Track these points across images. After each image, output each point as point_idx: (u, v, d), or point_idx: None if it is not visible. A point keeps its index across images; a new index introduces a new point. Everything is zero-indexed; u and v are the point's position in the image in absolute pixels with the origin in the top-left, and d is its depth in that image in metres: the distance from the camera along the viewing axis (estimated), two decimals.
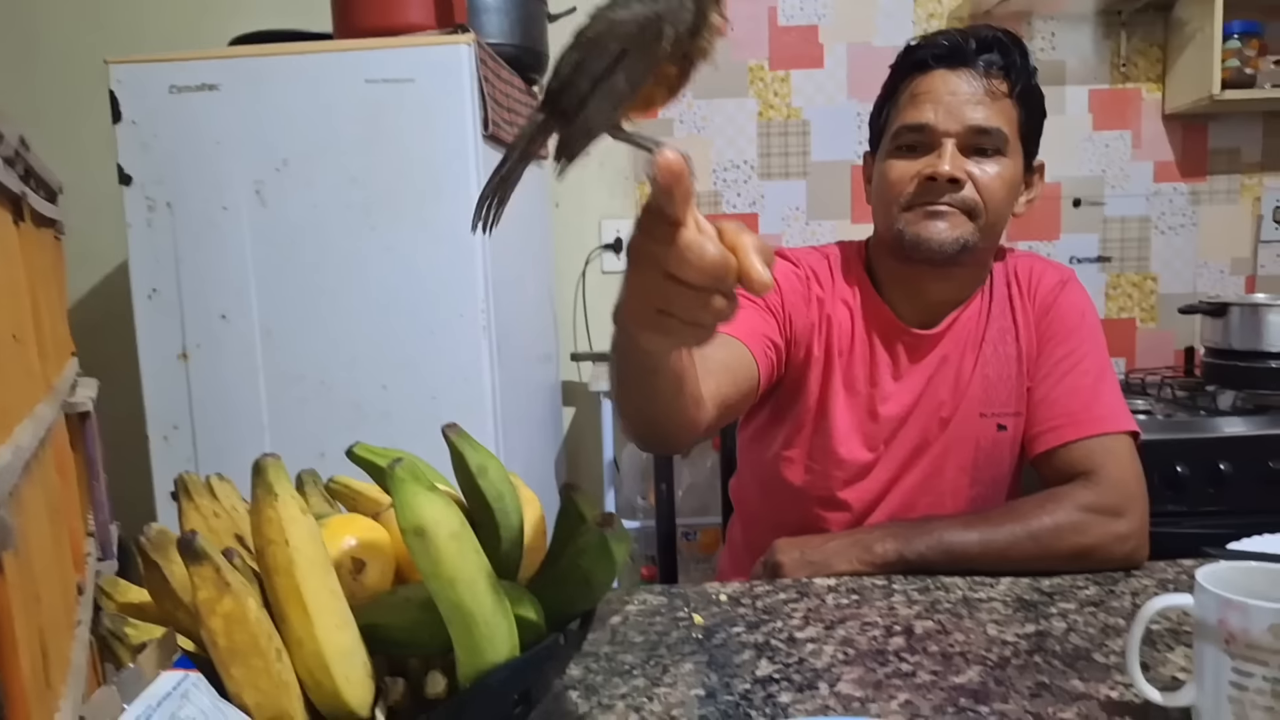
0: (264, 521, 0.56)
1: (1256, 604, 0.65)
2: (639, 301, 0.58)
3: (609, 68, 0.56)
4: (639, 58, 0.56)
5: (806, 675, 0.82)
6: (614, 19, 0.56)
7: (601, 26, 0.56)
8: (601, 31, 0.56)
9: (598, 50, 0.56)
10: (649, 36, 0.55)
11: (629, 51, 0.56)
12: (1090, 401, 1.14)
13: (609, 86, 0.56)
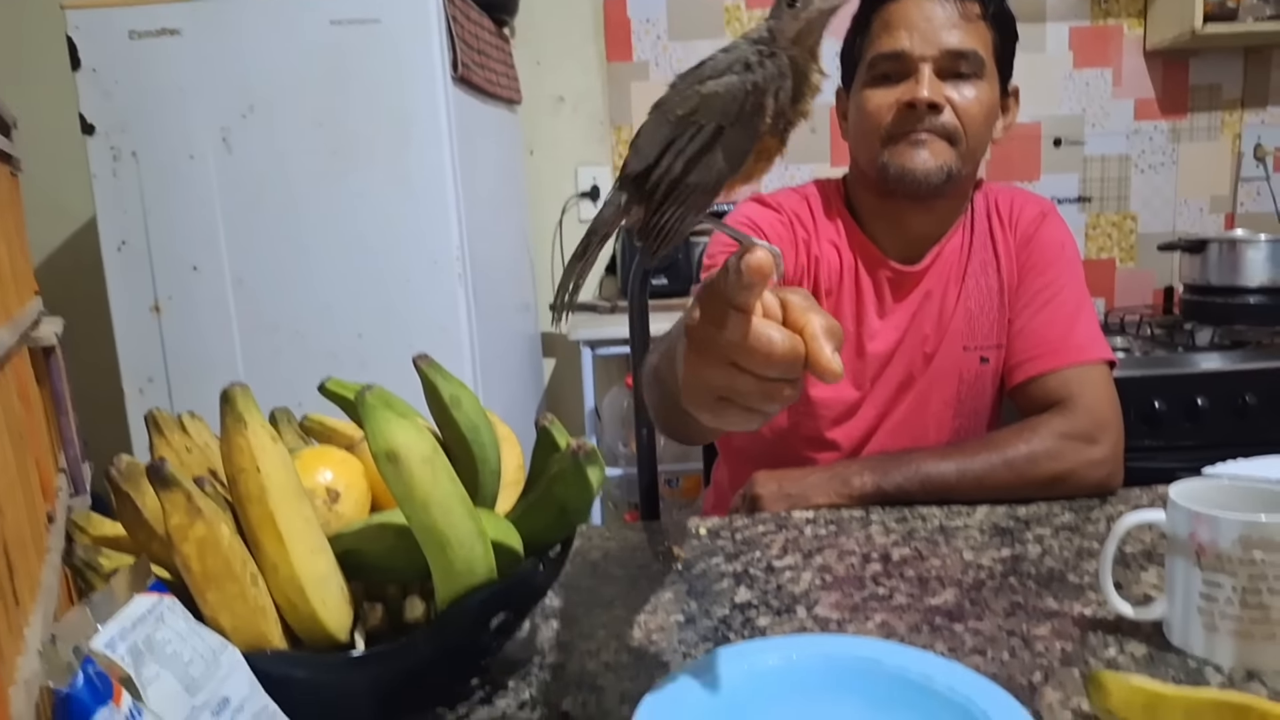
0: (234, 450, 0.55)
1: (1225, 516, 0.66)
2: (697, 388, 0.53)
3: (705, 147, 0.49)
4: (739, 134, 0.50)
5: (784, 600, 0.83)
6: (707, 93, 0.49)
7: (694, 101, 0.49)
8: (695, 107, 0.49)
9: (691, 128, 0.49)
10: (749, 110, 0.49)
11: (727, 128, 0.49)
12: (1067, 332, 1.14)
13: (705, 167, 0.49)
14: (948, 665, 0.63)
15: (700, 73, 0.51)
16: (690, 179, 0.49)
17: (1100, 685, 0.60)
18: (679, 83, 0.52)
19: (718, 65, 0.50)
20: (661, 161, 0.49)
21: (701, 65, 0.51)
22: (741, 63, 0.49)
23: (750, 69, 0.49)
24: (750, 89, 0.49)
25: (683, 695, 0.61)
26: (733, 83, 0.49)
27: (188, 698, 0.47)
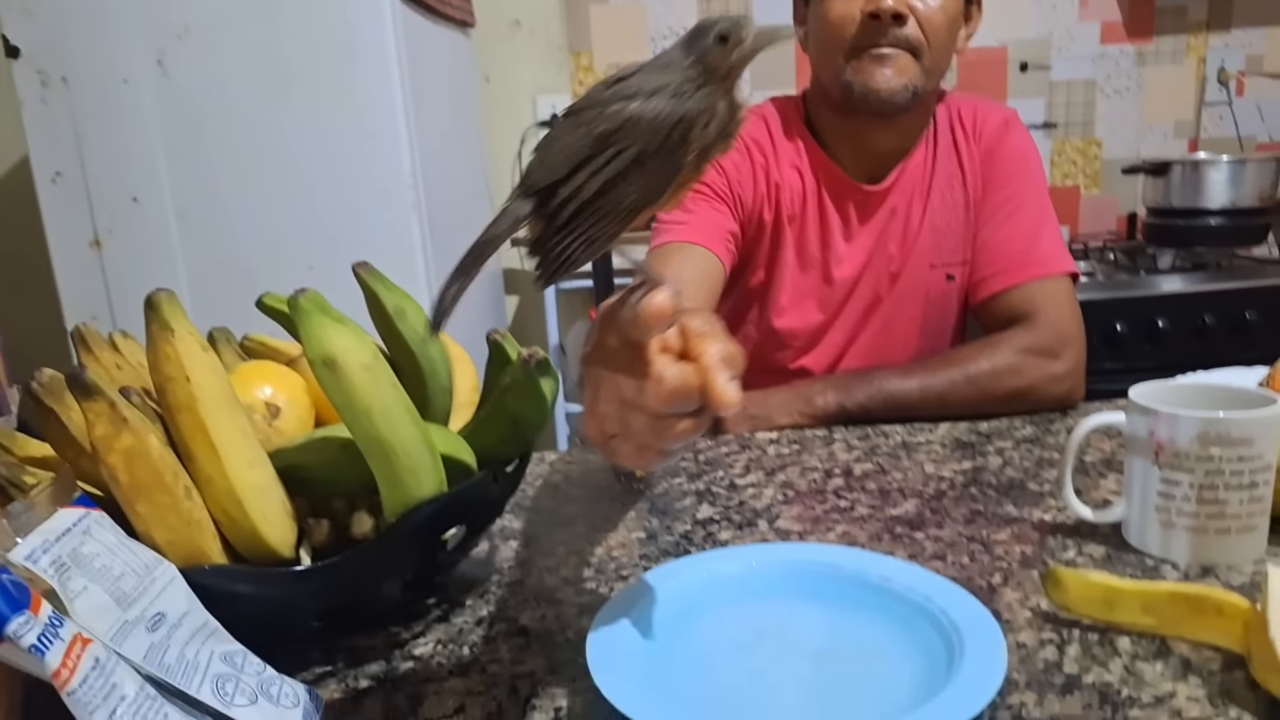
0: (161, 358, 0.53)
1: (1184, 413, 0.66)
2: (592, 424, 0.51)
3: (623, 172, 0.46)
4: (661, 164, 0.46)
5: (746, 515, 0.83)
6: (632, 114, 0.45)
7: (617, 121, 0.45)
8: (618, 127, 0.45)
9: (610, 148, 0.45)
10: (675, 140, 0.46)
11: (649, 156, 0.46)
12: (1030, 245, 1.13)
13: (620, 193, 0.46)
14: (906, 567, 0.62)
15: (624, 89, 0.46)
16: (602, 203, 0.46)
17: (1058, 581, 0.60)
18: (598, 93, 0.47)
19: (645, 86, 0.46)
20: (573, 179, 0.45)
21: (626, 80, 0.47)
22: (672, 89, 0.45)
23: (680, 98, 0.45)
24: (679, 119, 0.45)
25: (641, 602, 0.60)
26: (661, 109, 0.45)
27: (119, 611, 0.45)
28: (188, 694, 0.45)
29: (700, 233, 1.12)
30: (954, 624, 0.55)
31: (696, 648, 0.58)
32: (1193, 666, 0.55)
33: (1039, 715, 0.51)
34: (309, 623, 0.58)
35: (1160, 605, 0.57)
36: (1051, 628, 0.60)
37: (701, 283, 1.09)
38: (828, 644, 0.58)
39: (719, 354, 0.47)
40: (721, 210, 1.16)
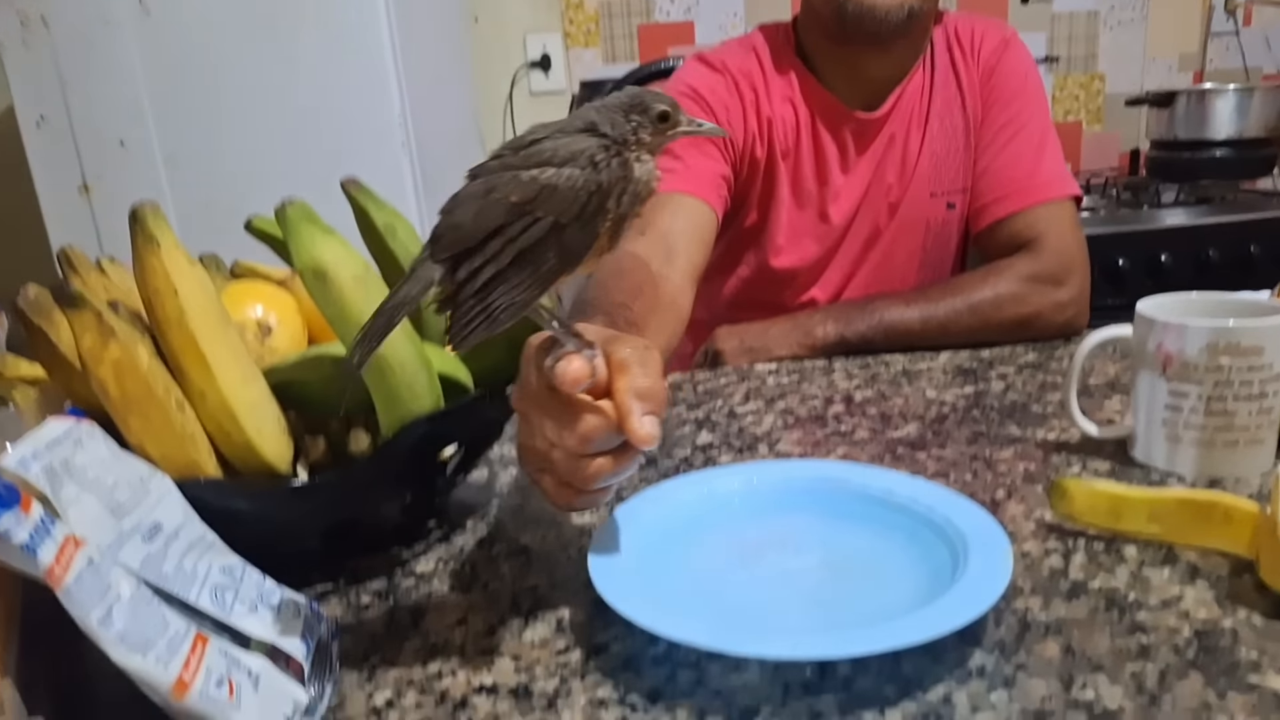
0: (148, 272, 0.51)
1: (1193, 323, 0.65)
2: (522, 457, 0.53)
3: (539, 242, 0.45)
4: (577, 234, 0.45)
5: (746, 440, 0.82)
6: (545, 183, 0.44)
7: (531, 190, 0.44)
8: (533, 197, 0.44)
9: (525, 217, 0.45)
10: (590, 211, 0.45)
11: (565, 226, 0.45)
12: (1033, 169, 1.11)
13: (536, 263, 0.45)
14: (910, 480, 0.62)
15: (538, 153, 0.45)
16: (518, 275, 0.45)
17: (1063, 492, 0.59)
18: (508, 155, 0.46)
19: (559, 152, 0.45)
20: (487, 246, 0.44)
21: (540, 143, 0.46)
22: (587, 157, 0.45)
23: (596, 167, 0.45)
24: (595, 189, 0.45)
25: (642, 517, 0.59)
26: (576, 178, 0.44)
27: (114, 521, 0.45)
28: (186, 601, 0.44)
29: (690, 181, 1.09)
30: (959, 531, 0.54)
31: (698, 560, 0.58)
32: (1200, 572, 0.54)
33: (1045, 619, 0.51)
34: (309, 542, 0.58)
35: (1168, 513, 0.57)
36: (1056, 538, 0.60)
37: (693, 235, 1.06)
38: (831, 555, 0.57)
39: (634, 388, 0.47)
40: (711, 154, 1.12)
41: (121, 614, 0.38)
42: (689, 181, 1.09)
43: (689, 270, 1.03)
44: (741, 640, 0.47)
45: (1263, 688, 0.44)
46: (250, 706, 0.41)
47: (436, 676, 0.50)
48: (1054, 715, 0.43)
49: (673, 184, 1.09)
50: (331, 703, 0.49)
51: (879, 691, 0.46)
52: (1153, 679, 0.45)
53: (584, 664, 0.50)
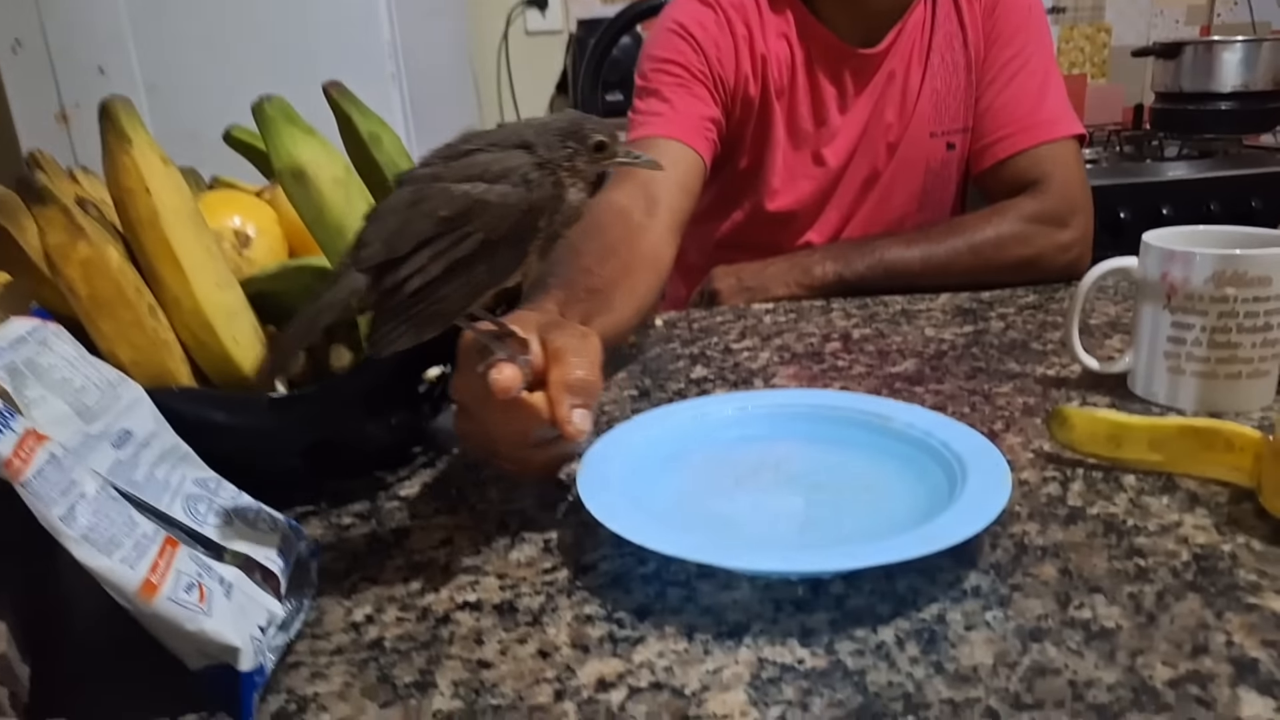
0: (119, 170, 0.49)
1: (1200, 251, 0.63)
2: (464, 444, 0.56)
3: (469, 257, 0.44)
4: (506, 251, 0.45)
5: (741, 374, 0.80)
6: (477, 198, 0.44)
7: (462, 204, 0.44)
8: (463, 211, 0.44)
9: (455, 232, 0.44)
10: (522, 230, 0.45)
11: (496, 242, 0.44)
12: (1036, 106, 1.08)
13: (464, 277, 0.45)
14: (906, 407, 0.60)
15: (470, 166, 0.44)
16: (446, 288, 0.44)
17: (1063, 420, 0.58)
18: (439, 165, 0.45)
19: (492, 167, 0.44)
20: (415, 257, 0.44)
21: (472, 154, 0.45)
22: (521, 175, 0.44)
23: (529, 186, 0.44)
24: (526, 208, 0.44)
25: (633, 440, 0.58)
26: (508, 195, 0.44)
27: (81, 424, 0.43)
28: (157, 509, 0.43)
29: (677, 125, 1.05)
30: (956, 455, 0.53)
31: (690, 481, 0.56)
32: (1200, 499, 0.53)
33: (1042, 543, 0.50)
34: (288, 460, 0.56)
35: (1169, 440, 0.55)
36: (1055, 467, 0.58)
37: (676, 183, 1.02)
38: (825, 478, 0.56)
39: (567, 383, 0.49)
40: (700, 95, 1.08)
41: (86, 512, 0.37)
42: (674, 126, 1.05)
43: (671, 221, 0.99)
44: (732, 555, 0.45)
45: (1262, 608, 0.43)
46: (222, 614, 0.39)
47: (419, 594, 0.49)
48: (1050, 633, 0.42)
49: (657, 128, 1.05)
50: (309, 618, 0.47)
51: (872, 609, 0.44)
52: (1150, 600, 0.44)
53: (571, 582, 0.49)
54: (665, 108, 1.06)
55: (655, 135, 1.05)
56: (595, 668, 0.42)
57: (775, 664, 0.41)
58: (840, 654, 0.41)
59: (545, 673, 0.42)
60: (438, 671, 0.42)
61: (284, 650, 0.44)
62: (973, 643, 0.42)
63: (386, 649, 0.44)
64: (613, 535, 0.48)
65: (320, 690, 0.41)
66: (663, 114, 1.06)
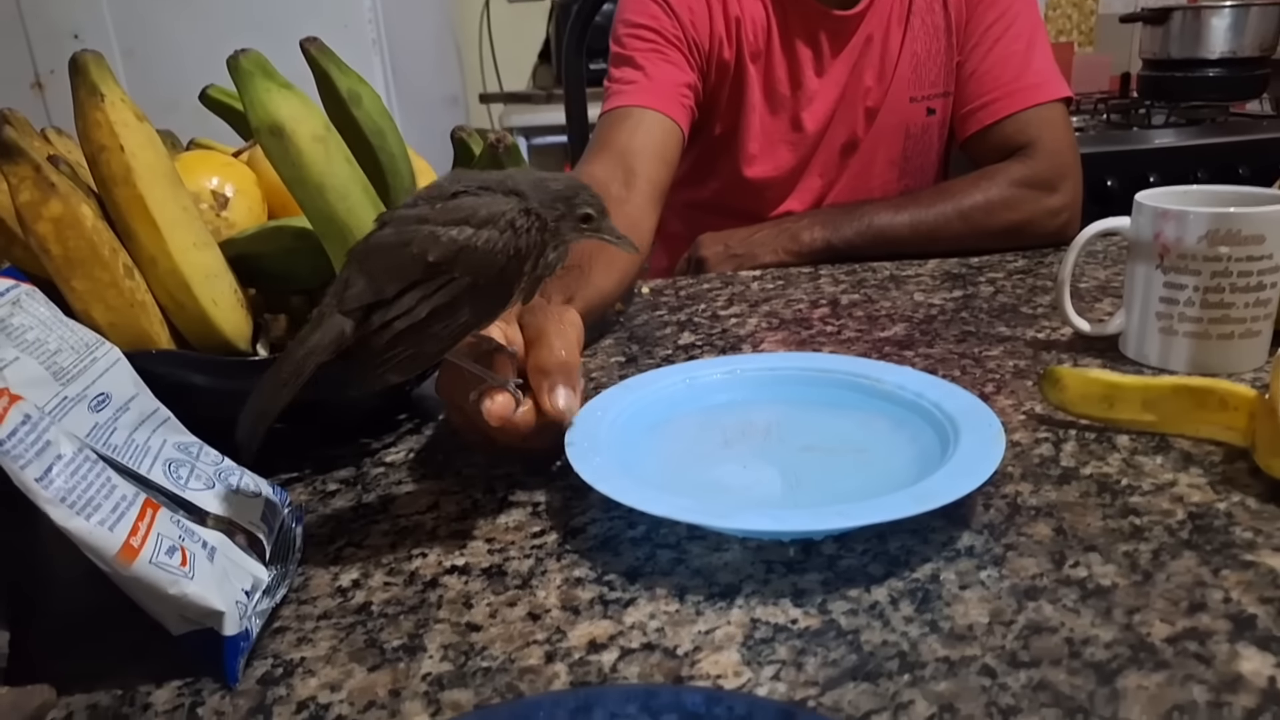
0: (91, 126, 0.47)
1: (1194, 210, 0.62)
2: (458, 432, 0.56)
3: (455, 301, 0.44)
4: (492, 295, 0.45)
5: (729, 340, 0.80)
6: (464, 243, 0.43)
7: (448, 250, 0.43)
8: (450, 257, 0.43)
9: (442, 275, 0.44)
10: (508, 275, 0.45)
11: (482, 287, 0.44)
12: (1022, 70, 1.07)
13: (450, 321, 0.45)
14: (897, 369, 0.60)
15: (457, 209, 0.44)
16: (431, 330, 0.44)
17: (1055, 380, 0.57)
18: (424, 206, 0.45)
19: (479, 211, 0.44)
20: (401, 300, 0.44)
21: (459, 196, 0.45)
22: (507, 221, 0.44)
23: (516, 232, 0.44)
24: (513, 254, 0.44)
25: (622, 403, 0.57)
26: (494, 241, 0.44)
27: (57, 386, 0.42)
28: (137, 472, 0.42)
29: (653, 94, 1.04)
30: (948, 415, 0.52)
31: (679, 444, 0.56)
32: (1194, 459, 0.53)
33: (1035, 503, 0.49)
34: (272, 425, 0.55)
35: (1162, 400, 0.55)
36: (1047, 428, 0.58)
37: (654, 153, 1.01)
38: (816, 439, 0.55)
39: (545, 365, 0.51)
40: (675, 61, 1.07)
41: (62, 473, 0.36)
42: (650, 95, 1.04)
43: (650, 191, 0.98)
44: (723, 515, 0.45)
45: (1259, 565, 0.43)
46: (205, 577, 0.39)
47: (406, 559, 0.48)
48: (1046, 591, 0.41)
49: (634, 97, 1.04)
50: (294, 584, 0.47)
51: (864, 569, 0.44)
52: (1146, 558, 0.44)
53: (560, 546, 0.48)
54: (640, 76, 1.05)
55: (631, 105, 1.03)
56: (586, 629, 0.41)
57: (768, 624, 0.40)
58: (834, 614, 0.41)
59: (535, 635, 0.41)
60: (426, 635, 0.42)
61: (269, 616, 0.43)
62: (967, 601, 0.41)
63: (374, 613, 0.44)
64: (602, 499, 0.47)
65: (307, 655, 0.41)
66: (638, 82, 1.04)
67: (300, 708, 0.37)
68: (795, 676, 0.37)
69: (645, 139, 1.01)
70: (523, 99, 2.07)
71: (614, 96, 1.06)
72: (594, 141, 1.04)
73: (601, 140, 1.02)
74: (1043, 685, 0.36)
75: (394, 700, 0.37)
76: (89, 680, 0.40)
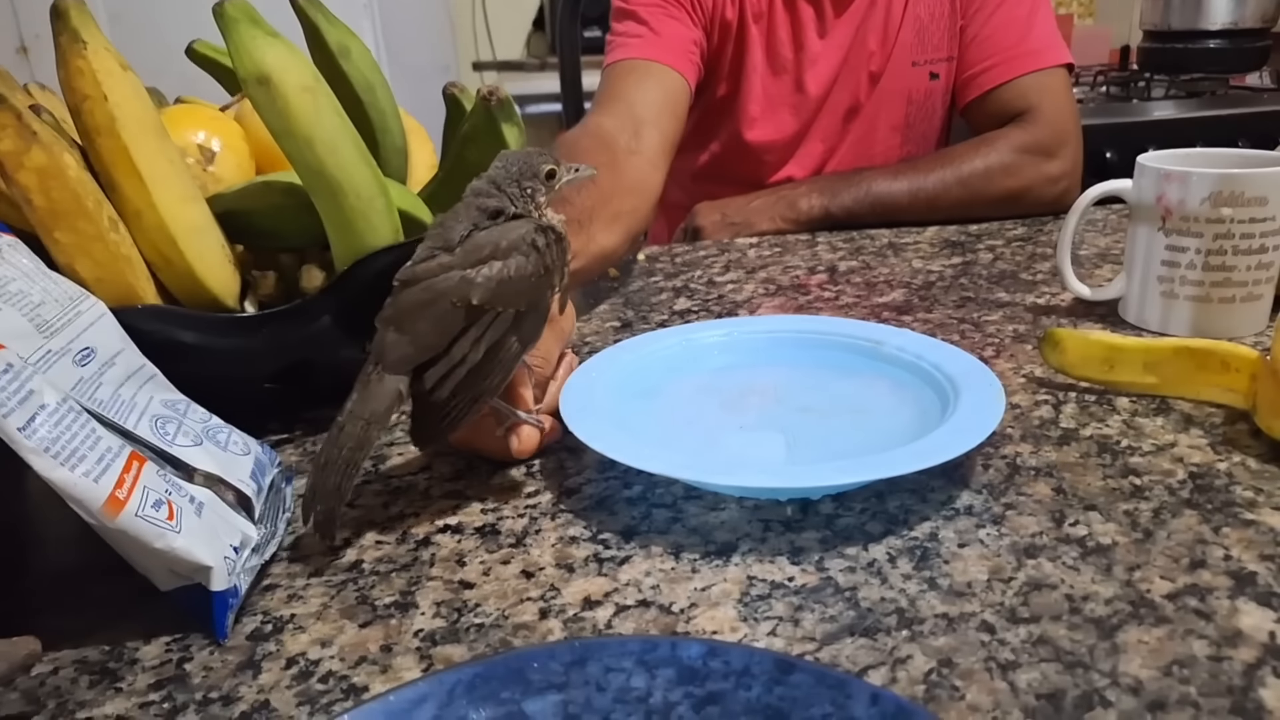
0: (73, 74, 0.46)
1: (1197, 171, 0.61)
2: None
3: (505, 334, 0.45)
4: (535, 317, 0.47)
5: (725, 306, 0.79)
6: (500, 279, 0.44)
7: (488, 290, 0.44)
8: (492, 297, 0.44)
9: (488, 315, 0.44)
10: (542, 293, 0.46)
11: (524, 314, 0.46)
12: (1024, 34, 1.05)
13: (505, 355, 0.46)
14: (897, 331, 0.59)
15: (478, 249, 0.45)
16: (487, 369, 0.45)
17: (1056, 342, 0.57)
18: (443, 255, 0.45)
19: (500, 243, 0.45)
20: (453, 351, 0.44)
21: (470, 237, 0.45)
22: (529, 244, 0.45)
23: (540, 251, 0.45)
24: (543, 272, 0.46)
25: (618, 363, 0.56)
26: (524, 267, 0.45)
27: (40, 338, 0.41)
28: (123, 428, 0.41)
29: (660, 48, 1.03)
30: (948, 377, 0.52)
31: (676, 405, 0.55)
32: (1194, 420, 0.53)
33: (1035, 463, 0.49)
34: (259, 384, 0.54)
35: (1163, 362, 0.54)
36: (1046, 391, 0.57)
37: (663, 106, 1.00)
38: (815, 400, 0.55)
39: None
40: (680, 18, 1.06)
41: (46, 423, 0.35)
42: (657, 48, 1.03)
43: (660, 144, 0.97)
44: (720, 473, 0.44)
45: (1259, 523, 0.42)
46: (193, 532, 0.38)
47: (398, 519, 0.48)
48: (1045, 549, 0.41)
49: (641, 50, 1.03)
50: (283, 543, 0.46)
51: (862, 528, 0.44)
52: (1147, 517, 0.43)
53: (554, 505, 0.48)
54: (646, 30, 1.03)
55: (639, 58, 1.02)
56: (581, 586, 0.41)
57: (765, 581, 0.40)
58: (831, 571, 0.40)
59: (529, 592, 0.40)
60: (418, 592, 0.41)
61: (257, 573, 0.42)
62: (966, 559, 0.41)
63: (365, 571, 0.43)
64: (597, 459, 0.47)
65: (297, 611, 0.40)
66: (644, 36, 1.03)
67: (290, 663, 0.37)
68: (792, 632, 0.37)
69: (655, 92, 1.00)
70: (516, 67, 2.05)
71: (619, 49, 1.04)
72: (601, 93, 1.02)
73: (610, 92, 1.01)
74: (1043, 640, 0.35)
75: (385, 656, 0.37)
76: (76, 636, 0.39)
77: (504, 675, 0.30)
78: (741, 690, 0.30)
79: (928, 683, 0.33)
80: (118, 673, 0.37)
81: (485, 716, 0.29)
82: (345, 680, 0.36)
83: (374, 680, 0.35)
